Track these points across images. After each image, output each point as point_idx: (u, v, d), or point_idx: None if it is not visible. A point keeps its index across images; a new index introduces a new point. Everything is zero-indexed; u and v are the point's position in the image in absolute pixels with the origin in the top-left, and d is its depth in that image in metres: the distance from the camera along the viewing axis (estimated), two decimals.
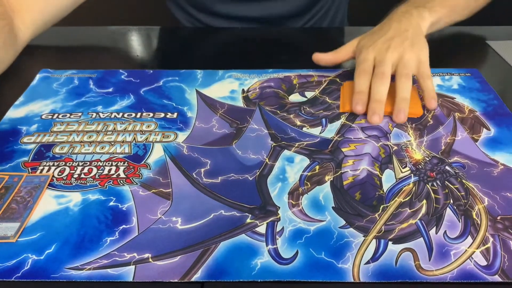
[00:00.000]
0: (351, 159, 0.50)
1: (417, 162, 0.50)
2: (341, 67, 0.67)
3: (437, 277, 0.38)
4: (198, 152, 0.51)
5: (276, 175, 0.48)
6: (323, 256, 0.40)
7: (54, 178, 0.48)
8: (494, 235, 0.42)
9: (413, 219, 0.43)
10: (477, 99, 0.60)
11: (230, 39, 0.79)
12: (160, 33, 0.82)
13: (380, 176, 0.48)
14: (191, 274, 0.38)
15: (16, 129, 0.55)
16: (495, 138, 0.53)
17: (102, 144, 0.52)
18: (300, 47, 0.74)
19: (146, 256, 0.40)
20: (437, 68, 0.67)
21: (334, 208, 0.44)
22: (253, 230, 0.42)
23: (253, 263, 0.39)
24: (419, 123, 0.56)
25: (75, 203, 0.45)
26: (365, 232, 0.42)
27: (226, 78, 0.65)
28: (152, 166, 0.49)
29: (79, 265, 0.39)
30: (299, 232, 0.42)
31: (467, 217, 0.43)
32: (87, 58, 0.73)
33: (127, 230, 0.42)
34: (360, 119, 0.56)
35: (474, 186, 0.47)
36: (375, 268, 0.39)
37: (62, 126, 0.55)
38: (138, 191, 0.46)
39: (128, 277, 0.38)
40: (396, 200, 0.45)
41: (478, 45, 0.74)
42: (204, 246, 0.41)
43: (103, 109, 0.58)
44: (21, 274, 0.38)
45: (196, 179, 0.48)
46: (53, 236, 0.42)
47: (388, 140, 0.53)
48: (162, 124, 0.56)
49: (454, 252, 0.40)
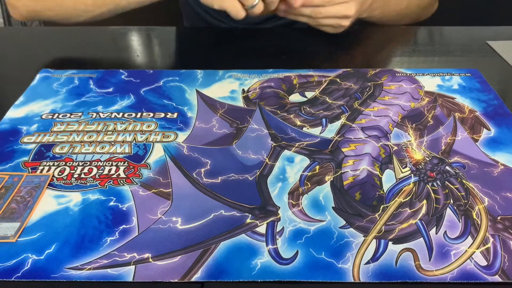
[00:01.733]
0: (351, 159, 0.50)
1: (417, 162, 0.50)
2: (341, 67, 0.68)
3: (437, 277, 0.38)
4: (198, 152, 0.51)
5: (276, 175, 0.48)
6: (323, 256, 0.40)
7: (54, 178, 0.48)
8: (494, 235, 0.41)
9: (413, 219, 0.43)
10: (477, 99, 0.60)
11: (230, 39, 0.79)
12: (160, 33, 0.82)
13: (380, 176, 0.48)
14: (191, 274, 0.38)
15: (16, 129, 0.55)
16: (495, 138, 0.53)
17: (102, 144, 0.52)
18: (300, 47, 0.74)
19: (146, 256, 0.40)
20: (437, 68, 0.67)
21: (334, 208, 0.44)
22: (253, 230, 0.42)
23: (253, 263, 0.39)
24: (419, 123, 0.56)
25: (75, 203, 0.45)
26: (365, 232, 0.42)
27: (226, 78, 0.65)
28: (152, 166, 0.49)
29: (79, 265, 0.39)
30: (299, 232, 0.42)
31: (467, 217, 0.43)
32: (87, 58, 0.73)
33: (127, 230, 0.42)
34: (360, 119, 0.56)
35: (474, 186, 0.47)
36: (375, 268, 0.39)
37: (62, 126, 0.55)
38: (138, 191, 0.46)
39: (128, 277, 0.38)
40: (396, 200, 0.45)
41: (478, 45, 0.74)
42: (204, 246, 0.41)
43: (103, 109, 0.58)
44: (21, 274, 0.38)
45: (196, 179, 0.48)
46: (53, 236, 0.42)
47: (388, 140, 0.53)
48: (162, 124, 0.55)
49: (454, 252, 0.40)
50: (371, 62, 0.71)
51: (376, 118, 0.57)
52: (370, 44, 0.80)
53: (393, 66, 0.68)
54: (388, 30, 0.84)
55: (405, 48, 0.75)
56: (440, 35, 0.80)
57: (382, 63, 0.71)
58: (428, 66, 0.69)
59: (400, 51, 0.74)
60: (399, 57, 0.72)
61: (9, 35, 0.87)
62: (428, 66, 0.69)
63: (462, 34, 0.79)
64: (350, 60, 0.72)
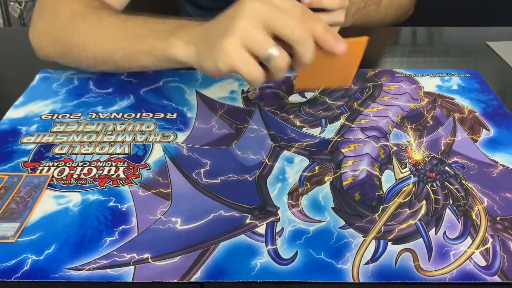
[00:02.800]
0: (351, 160, 0.50)
1: (417, 162, 0.50)
2: None
3: (436, 277, 0.38)
4: (197, 152, 0.51)
5: (275, 175, 0.48)
6: (322, 257, 0.40)
7: (53, 178, 0.48)
8: (494, 236, 0.42)
9: (413, 220, 0.43)
10: (476, 100, 0.60)
11: None
12: None
13: (380, 176, 0.48)
14: (190, 274, 0.38)
15: (16, 129, 0.55)
16: (495, 138, 0.53)
17: (101, 144, 0.52)
18: None
19: (146, 256, 0.40)
20: (436, 69, 0.67)
21: (334, 208, 0.44)
22: (252, 230, 0.42)
23: (252, 264, 0.39)
24: (419, 123, 0.56)
25: (74, 203, 0.45)
26: (364, 233, 0.42)
27: (226, 79, 0.65)
28: (152, 167, 0.49)
29: (78, 265, 0.39)
30: (298, 232, 0.42)
31: (467, 218, 0.43)
32: None
33: (126, 231, 0.42)
34: (360, 120, 0.56)
35: (473, 186, 0.47)
36: (374, 269, 0.39)
37: (61, 126, 0.55)
38: (138, 192, 0.46)
39: (128, 277, 0.38)
40: (396, 200, 0.45)
41: (477, 46, 0.74)
42: (204, 247, 0.41)
43: (102, 109, 0.58)
44: (20, 274, 0.38)
45: (196, 180, 0.48)
46: (53, 236, 0.42)
47: (387, 141, 0.53)
48: (161, 125, 0.55)
49: (453, 253, 0.40)
50: (371, 63, 0.71)
51: (375, 118, 0.57)
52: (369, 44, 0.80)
53: (393, 67, 0.68)
54: (388, 30, 0.84)
55: (405, 48, 0.75)
56: (440, 35, 0.80)
57: (381, 63, 0.71)
58: (428, 67, 0.69)
59: (400, 51, 0.74)
60: (398, 58, 0.72)
61: (8, 35, 0.87)
62: (427, 66, 0.69)
63: (462, 35, 0.79)
64: None
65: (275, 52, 0.41)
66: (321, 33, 0.42)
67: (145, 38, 0.50)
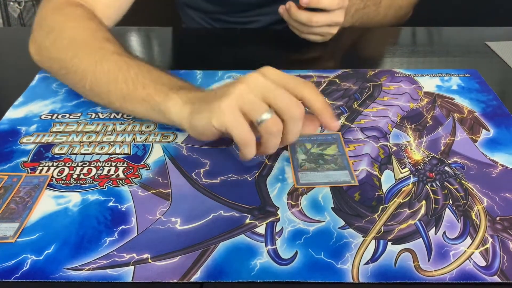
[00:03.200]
0: (351, 160, 0.50)
1: (417, 162, 0.50)
2: (340, 68, 0.68)
3: (436, 277, 0.38)
4: (197, 152, 0.51)
5: (275, 175, 0.48)
6: (322, 257, 0.40)
7: (53, 179, 0.48)
8: (493, 236, 0.42)
9: (412, 220, 0.43)
10: (476, 100, 0.60)
11: (230, 39, 0.79)
12: (160, 34, 0.82)
13: (380, 176, 0.48)
14: (190, 274, 0.38)
15: (16, 129, 0.55)
16: (494, 138, 0.53)
17: (101, 144, 0.52)
18: (299, 48, 0.74)
19: (145, 256, 0.40)
20: (436, 69, 0.67)
21: (334, 208, 0.44)
22: (252, 230, 0.42)
23: (252, 264, 0.39)
24: (419, 123, 0.56)
25: (74, 204, 0.45)
26: (364, 233, 0.42)
27: (226, 79, 0.65)
28: (152, 167, 0.49)
29: (78, 265, 0.39)
30: (298, 232, 0.42)
31: (467, 218, 0.43)
32: None
33: (126, 231, 0.42)
34: (359, 120, 0.56)
35: (473, 186, 0.47)
36: (374, 269, 0.39)
37: (61, 126, 0.55)
38: (138, 192, 0.46)
39: (127, 277, 0.38)
40: (396, 200, 0.45)
41: (477, 46, 0.74)
42: (204, 247, 0.41)
43: (102, 109, 0.58)
44: (20, 275, 0.38)
45: (196, 180, 0.48)
46: (52, 236, 0.42)
47: (387, 141, 0.53)
48: (161, 125, 0.55)
49: (453, 253, 0.40)
50: (370, 63, 0.71)
51: (375, 118, 0.57)
52: (369, 44, 0.80)
53: (392, 67, 0.68)
54: (388, 30, 0.84)
55: (404, 48, 0.75)
56: (440, 35, 0.80)
57: (381, 63, 0.71)
58: (427, 67, 0.69)
59: (400, 51, 0.74)
60: (398, 58, 0.72)
61: (8, 35, 0.87)
62: (427, 66, 0.69)
63: (461, 35, 0.79)
64: (349, 61, 0.72)
65: (268, 116, 0.42)
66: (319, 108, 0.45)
67: (145, 87, 0.51)
